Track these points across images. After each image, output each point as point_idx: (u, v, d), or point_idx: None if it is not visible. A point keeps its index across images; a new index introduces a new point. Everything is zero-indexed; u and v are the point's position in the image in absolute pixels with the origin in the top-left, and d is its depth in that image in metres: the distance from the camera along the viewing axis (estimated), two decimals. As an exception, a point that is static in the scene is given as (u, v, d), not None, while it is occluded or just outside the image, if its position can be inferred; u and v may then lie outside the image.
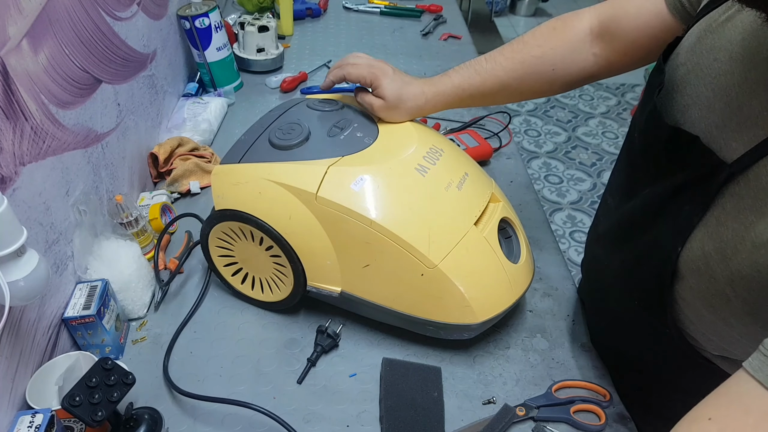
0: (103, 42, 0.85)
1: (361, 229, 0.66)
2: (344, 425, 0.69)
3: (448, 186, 0.71)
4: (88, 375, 0.61)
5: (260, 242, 0.73)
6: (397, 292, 0.70)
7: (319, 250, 0.70)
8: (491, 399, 0.71)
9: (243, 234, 0.74)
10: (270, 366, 0.76)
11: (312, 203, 0.67)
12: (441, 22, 1.67)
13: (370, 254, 0.68)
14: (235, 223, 0.73)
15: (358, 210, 0.66)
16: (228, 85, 1.29)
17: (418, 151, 0.72)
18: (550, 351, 0.77)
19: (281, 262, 0.74)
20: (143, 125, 1.02)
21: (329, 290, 0.73)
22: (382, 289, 0.71)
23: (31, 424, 0.58)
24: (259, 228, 0.71)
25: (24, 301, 0.58)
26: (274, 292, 0.79)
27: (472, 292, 0.68)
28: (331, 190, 0.67)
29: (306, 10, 1.65)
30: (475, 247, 0.69)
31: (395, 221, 0.66)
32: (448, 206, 0.69)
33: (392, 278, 0.69)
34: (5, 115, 0.61)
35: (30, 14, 0.65)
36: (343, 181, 0.67)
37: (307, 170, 0.68)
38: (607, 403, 0.70)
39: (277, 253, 0.73)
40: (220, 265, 0.80)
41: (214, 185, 0.73)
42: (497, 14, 3.81)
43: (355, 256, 0.69)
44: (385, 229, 0.65)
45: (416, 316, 0.71)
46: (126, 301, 0.79)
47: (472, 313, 0.69)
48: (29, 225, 0.65)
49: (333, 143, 0.72)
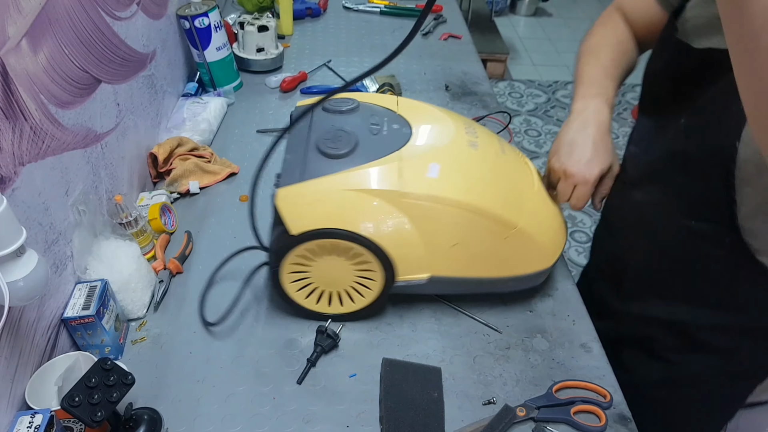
0: (103, 42, 0.84)
1: (448, 212, 0.69)
2: (344, 425, 0.69)
3: (497, 153, 0.77)
4: (87, 375, 0.61)
5: (344, 254, 0.71)
6: (484, 260, 0.74)
7: (409, 243, 0.71)
8: (491, 399, 0.71)
9: (322, 252, 0.71)
10: (270, 366, 0.75)
11: (398, 201, 0.68)
12: (441, 21, 1.67)
13: (458, 233, 0.71)
14: (315, 243, 0.70)
15: (443, 195, 0.69)
16: (227, 85, 1.29)
17: (459, 129, 0.75)
18: (550, 351, 0.77)
19: (368, 267, 0.73)
20: (143, 125, 1.02)
21: (417, 279, 0.74)
22: (470, 262, 0.74)
23: (31, 425, 0.58)
24: (350, 239, 0.69)
25: (23, 302, 0.57)
26: (356, 300, 0.77)
27: (545, 240, 0.75)
28: (412, 183, 0.68)
29: (306, 10, 1.65)
30: (536, 200, 0.76)
31: (477, 196, 0.70)
32: (505, 171, 0.76)
33: (480, 249, 0.73)
34: (4, 115, 0.61)
35: (29, 14, 0.65)
36: (417, 172, 0.69)
37: (383, 171, 0.69)
38: (607, 403, 0.70)
39: (366, 259, 0.71)
40: (293, 291, 0.77)
41: (286, 210, 0.69)
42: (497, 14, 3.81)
43: (442, 239, 0.71)
44: (470, 205, 0.69)
45: (500, 277, 0.76)
46: (125, 301, 0.79)
47: (548, 257, 0.77)
48: (28, 225, 0.64)
49: (381, 141, 0.73)
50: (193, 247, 0.92)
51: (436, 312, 0.82)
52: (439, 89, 1.34)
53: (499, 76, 3.29)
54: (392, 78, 1.30)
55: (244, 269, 0.87)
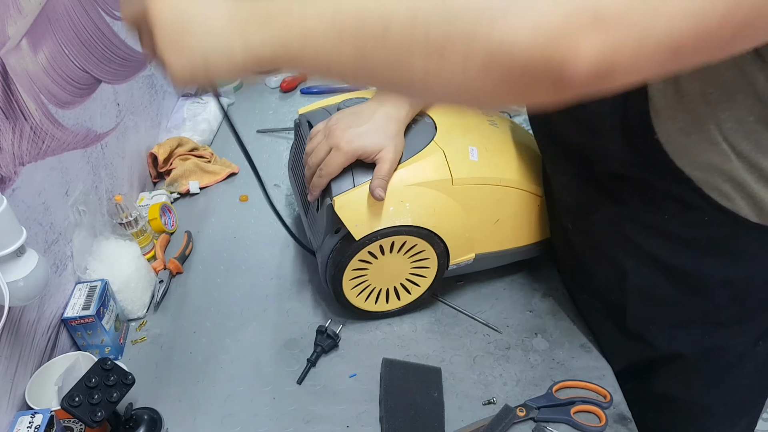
0: (103, 42, 0.84)
1: (493, 191, 0.73)
2: (344, 425, 0.69)
3: (510, 128, 0.82)
4: (87, 375, 0.61)
5: (401, 250, 0.72)
6: (520, 230, 0.79)
7: (461, 227, 0.73)
8: (491, 399, 0.71)
9: (383, 251, 0.72)
10: (270, 366, 0.75)
11: (450, 188, 0.71)
12: (441, 21, 1.66)
13: (499, 209, 0.75)
14: (376, 245, 0.71)
15: (488, 175, 0.73)
16: (228, 85, 1.29)
17: (474, 111, 0.80)
18: (550, 351, 0.77)
19: (424, 257, 0.74)
20: (143, 125, 1.02)
21: (466, 260, 0.77)
22: (510, 235, 0.79)
23: (31, 425, 0.58)
24: (410, 234, 0.70)
25: (23, 302, 0.58)
26: (402, 297, 0.78)
27: None
28: (459, 170, 0.71)
29: (306, 10, 1.65)
30: None
31: (512, 171, 0.75)
32: (520, 143, 0.80)
33: (517, 221, 0.78)
34: (5, 115, 0.61)
35: (29, 14, 0.65)
36: (460, 158, 0.72)
37: (429, 163, 0.71)
38: (607, 403, 0.70)
39: (421, 248, 0.72)
40: (353, 297, 0.77)
41: (348, 217, 0.69)
42: (497, 14, 3.80)
43: (486, 217, 0.75)
44: (510, 180, 0.74)
45: (535, 243, 0.81)
46: (125, 301, 0.79)
47: None
48: (29, 225, 0.64)
49: (414, 134, 0.75)
50: (193, 247, 0.92)
51: (436, 312, 0.82)
52: (439, 89, 1.34)
53: (499, 76, 3.29)
54: (392, 78, 1.30)
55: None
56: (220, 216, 0.99)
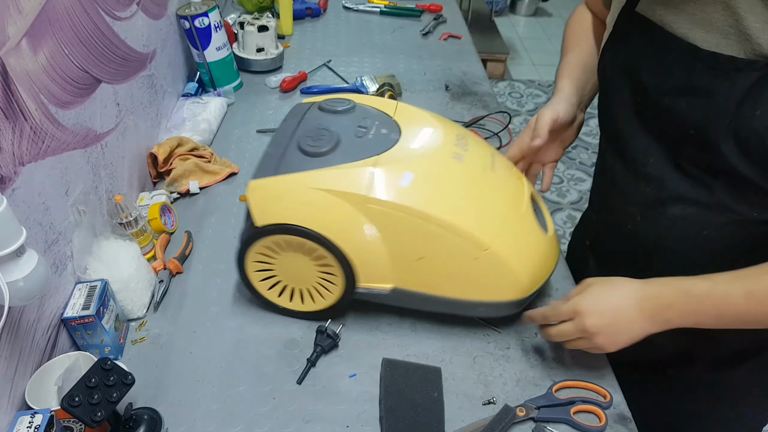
0: (103, 42, 0.84)
1: (416, 224, 0.67)
2: (344, 425, 0.69)
3: (484, 169, 0.73)
4: (87, 375, 0.61)
5: (307, 252, 0.71)
6: (451, 279, 0.72)
7: (372, 250, 0.70)
8: (491, 399, 0.71)
9: (287, 247, 0.72)
10: (270, 366, 0.75)
11: (364, 206, 0.67)
12: (441, 21, 1.66)
13: (424, 247, 0.69)
14: (279, 237, 0.71)
15: (412, 205, 0.67)
16: (227, 85, 1.29)
17: (448, 139, 0.74)
18: (550, 351, 0.77)
19: (330, 270, 0.73)
20: (143, 125, 1.02)
21: (380, 288, 0.73)
22: (436, 279, 0.72)
23: (31, 425, 0.58)
24: (310, 238, 0.69)
25: (23, 301, 0.57)
26: (317, 301, 0.77)
27: (521, 267, 0.71)
28: (381, 190, 0.67)
29: (306, 10, 1.65)
30: (518, 224, 0.72)
31: (448, 210, 0.68)
32: (488, 188, 0.73)
33: (446, 266, 0.70)
34: (4, 115, 0.61)
35: (29, 14, 0.65)
36: (390, 179, 0.68)
37: (353, 174, 0.68)
38: (607, 403, 0.70)
39: (327, 261, 0.71)
40: (256, 281, 0.78)
41: (253, 201, 0.70)
42: (497, 14, 3.81)
43: (408, 251, 0.70)
44: (440, 219, 0.67)
45: (469, 300, 0.73)
46: (125, 301, 0.79)
47: (522, 288, 0.72)
48: (28, 225, 0.64)
49: (363, 144, 0.72)
50: (193, 247, 0.92)
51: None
52: (439, 89, 1.34)
53: (499, 76, 3.29)
54: (392, 78, 1.30)
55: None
56: (220, 216, 0.99)
